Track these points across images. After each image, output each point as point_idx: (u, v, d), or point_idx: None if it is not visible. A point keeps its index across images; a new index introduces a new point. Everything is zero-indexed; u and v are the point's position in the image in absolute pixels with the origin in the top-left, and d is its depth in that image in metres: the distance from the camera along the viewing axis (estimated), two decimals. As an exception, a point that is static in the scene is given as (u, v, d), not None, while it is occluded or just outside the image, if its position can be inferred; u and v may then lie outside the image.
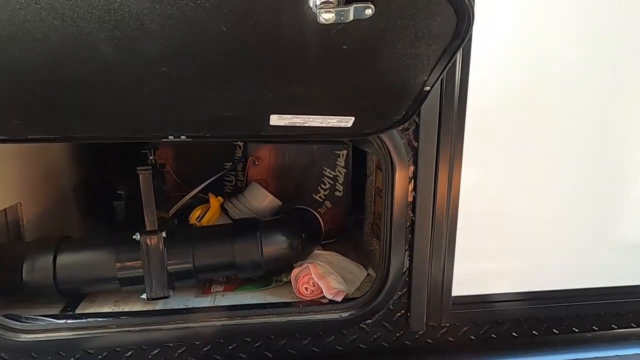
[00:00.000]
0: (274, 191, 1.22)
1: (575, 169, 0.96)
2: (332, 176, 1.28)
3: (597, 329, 1.06)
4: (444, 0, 0.49)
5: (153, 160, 0.99)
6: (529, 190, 0.96)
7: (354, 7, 0.47)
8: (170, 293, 0.93)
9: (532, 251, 0.99)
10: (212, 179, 1.23)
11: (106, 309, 0.94)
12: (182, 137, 0.76)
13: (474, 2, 0.78)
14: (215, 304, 0.97)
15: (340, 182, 1.28)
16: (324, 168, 1.27)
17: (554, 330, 1.04)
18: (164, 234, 0.92)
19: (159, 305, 0.95)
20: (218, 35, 0.51)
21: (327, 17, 0.47)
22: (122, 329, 0.88)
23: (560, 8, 0.85)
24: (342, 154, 1.26)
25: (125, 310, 0.94)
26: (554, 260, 1.01)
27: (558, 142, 0.94)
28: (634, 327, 1.07)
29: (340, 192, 1.29)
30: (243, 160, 1.31)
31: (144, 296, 0.92)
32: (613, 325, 1.07)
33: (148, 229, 0.92)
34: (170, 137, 0.75)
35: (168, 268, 0.92)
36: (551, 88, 0.90)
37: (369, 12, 0.48)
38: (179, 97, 0.63)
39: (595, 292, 1.03)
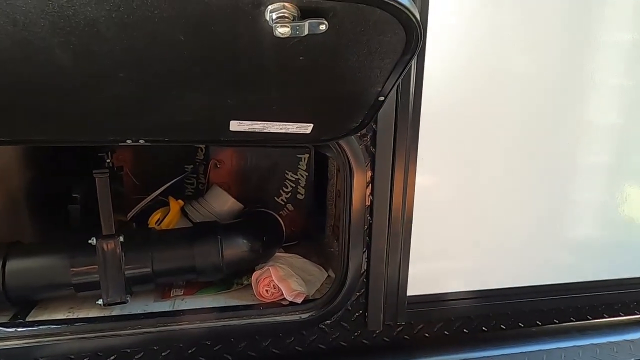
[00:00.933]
0: (236, 194, 1.23)
1: (522, 173, 1.02)
2: (294, 179, 1.30)
3: (540, 323, 1.14)
4: (394, 19, 0.52)
5: (110, 163, 0.97)
6: (479, 194, 1.01)
7: (309, 22, 0.49)
8: (128, 298, 0.92)
9: (481, 252, 1.05)
10: (172, 181, 1.22)
11: (60, 316, 0.92)
12: (140, 141, 0.76)
13: (427, 17, 0.83)
14: (175, 308, 0.97)
15: (302, 185, 1.30)
16: (286, 171, 1.29)
17: (502, 325, 1.11)
18: (121, 238, 0.90)
19: (116, 311, 0.93)
20: (176, 44, 0.52)
21: (282, 31, 0.48)
22: (76, 336, 0.86)
23: (510, 18, 0.90)
24: (304, 158, 1.28)
25: (80, 316, 0.92)
26: (501, 260, 1.07)
27: (507, 148, 1.00)
28: (573, 321, 1.16)
29: (302, 195, 1.31)
30: (204, 163, 1.30)
31: (100, 302, 0.90)
32: (555, 320, 1.15)
33: (104, 233, 0.90)
34: (128, 141, 0.75)
35: (126, 273, 0.91)
36: (502, 96, 0.95)
37: (323, 27, 0.50)
38: (137, 102, 0.63)
39: (538, 289, 1.10)
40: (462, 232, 1.02)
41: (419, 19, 0.53)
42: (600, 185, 1.10)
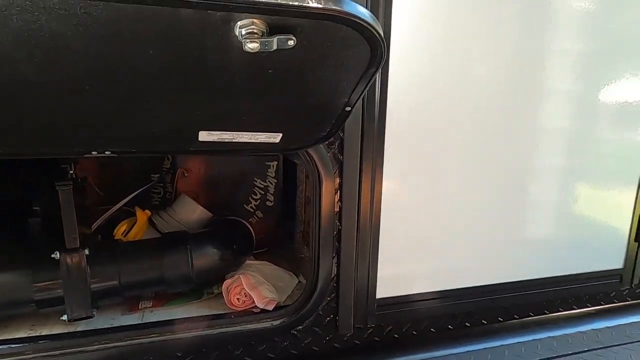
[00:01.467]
0: (204, 203, 1.22)
1: (482, 178, 1.08)
2: (262, 186, 1.30)
3: (502, 320, 1.19)
4: (359, 35, 0.54)
5: (73, 175, 0.95)
6: (442, 198, 1.05)
7: (277, 38, 0.51)
8: (94, 313, 0.89)
9: (446, 253, 1.09)
10: (138, 191, 1.20)
11: (21, 334, 0.88)
12: (106, 152, 0.75)
13: (390, 30, 0.86)
14: (144, 321, 0.95)
15: (271, 192, 1.31)
16: (255, 179, 1.29)
17: (466, 323, 1.16)
18: (86, 251, 0.88)
19: (82, 326, 0.91)
20: (145, 58, 0.52)
21: (252, 46, 0.50)
22: (40, 354, 0.83)
23: (469, 29, 0.96)
24: (273, 165, 1.29)
25: (43, 334, 0.89)
26: (465, 260, 1.12)
27: (468, 153, 1.04)
28: (532, 316, 1.22)
29: (271, 202, 1.31)
30: (172, 171, 1.29)
31: (64, 317, 0.88)
32: (515, 316, 1.21)
33: (68, 246, 0.88)
34: (93, 153, 0.74)
35: (91, 287, 0.88)
36: (463, 103, 1.00)
37: (291, 42, 0.52)
38: (104, 114, 0.63)
39: (499, 287, 1.16)
40: (427, 235, 1.06)
41: (382, 34, 0.55)
42: (555, 186, 1.17)
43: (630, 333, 1.21)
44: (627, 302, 1.33)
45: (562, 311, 1.26)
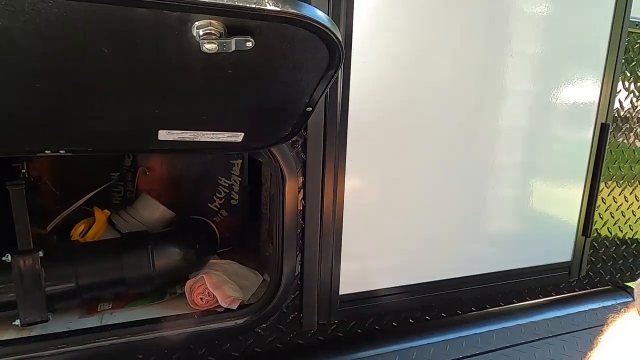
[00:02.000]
0: (167, 202, 1.20)
1: (442, 176, 1.11)
2: (227, 185, 1.29)
3: (460, 312, 1.24)
4: (317, 38, 0.55)
5: (26, 174, 0.91)
6: (403, 195, 1.08)
7: (235, 39, 0.51)
8: (50, 316, 0.87)
9: (407, 249, 1.12)
10: (97, 190, 1.16)
11: (-31, 341, 0.84)
12: (60, 151, 0.72)
13: (351, 33, 0.88)
14: (103, 324, 0.93)
15: (236, 190, 1.30)
16: (219, 177, 1.28)
17: (427, 317, 1.20)
18: (40, 253, 0.85)
19: (36, 331, 0.88)
20: (99, 56, 0.51)
21: (209, 47, 0.50)
22: (-10, 361, 0.80)
23: (430, 32, 0.99)
24: (237, 164, 1.29)
25: (-7, 339, 0.85)
26: (425, 256, 1.15)
27: (429, 151, 1.08)
28: (488, 308, 1.28)
29: (235, 200, 1.31)
30: (133, 170, 1.26)
31: (17, 322, 0.85)
32: (473, 308, 1.26)
33: (21, 248, 0.85)
34: (46, 151, 0.71)
35: (46, 290, 0.86)
36: (423, 103, 1.03)
37: (249, 44, 0.52)
38: (57, 113, 0.61)
39: (458, 281, 1.20)
40: (389, 232, 1.09)
41: (339, 37, 0.57)
42: (509, 183, 1.22)
43: (577, 321, 1.29)
44: (575, 293, 1.42)
45: (516, 303, 1.33)
